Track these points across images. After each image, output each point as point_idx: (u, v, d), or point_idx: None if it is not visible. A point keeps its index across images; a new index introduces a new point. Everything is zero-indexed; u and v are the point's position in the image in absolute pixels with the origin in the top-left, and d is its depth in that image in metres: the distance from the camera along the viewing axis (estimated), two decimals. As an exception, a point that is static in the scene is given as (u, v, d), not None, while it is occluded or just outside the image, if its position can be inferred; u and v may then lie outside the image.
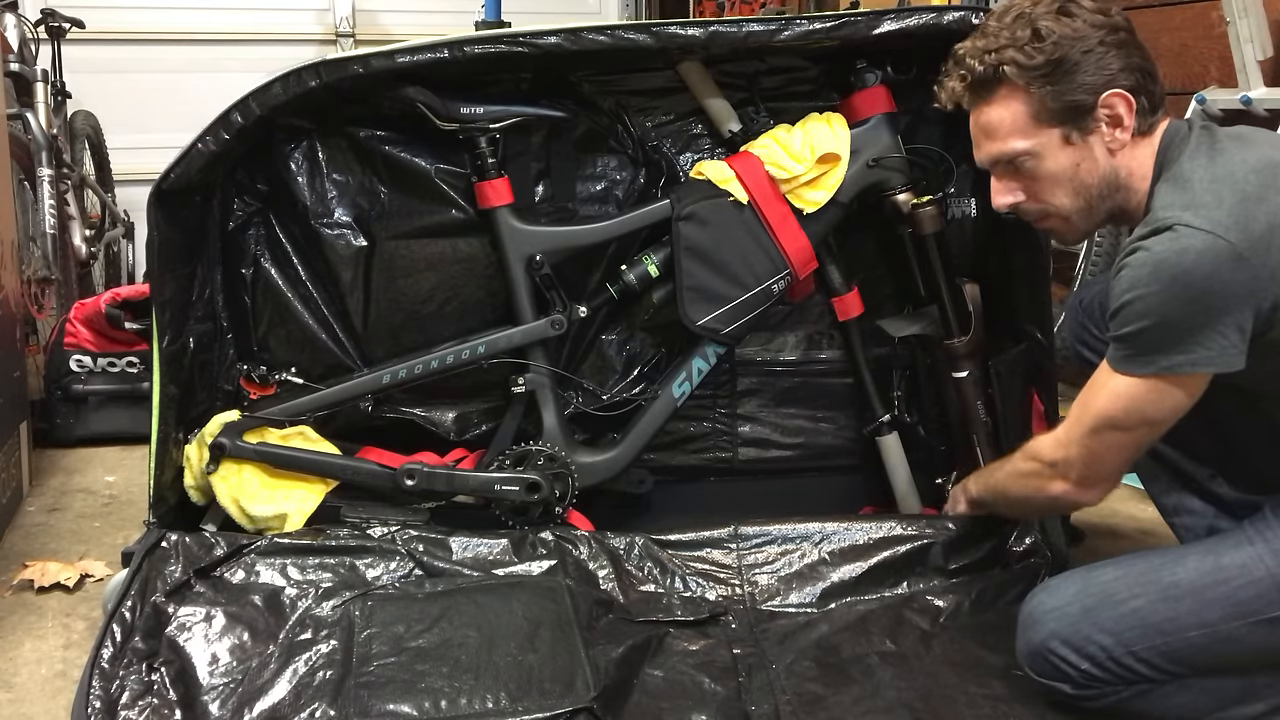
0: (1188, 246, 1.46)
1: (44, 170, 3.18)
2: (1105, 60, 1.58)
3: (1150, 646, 1.59)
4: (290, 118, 2.17)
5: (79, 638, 2.00)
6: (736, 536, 2.05)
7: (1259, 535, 1.58)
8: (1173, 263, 1.47)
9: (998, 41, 1.62)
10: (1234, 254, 1.45)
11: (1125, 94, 1.58)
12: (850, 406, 2.41)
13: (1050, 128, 1.62)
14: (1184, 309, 1.48)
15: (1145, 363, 1.52)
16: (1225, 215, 1.47)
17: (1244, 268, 1.46)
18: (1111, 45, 1.58)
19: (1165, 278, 1.47)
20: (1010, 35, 1.61)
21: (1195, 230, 1.47)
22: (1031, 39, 1.59)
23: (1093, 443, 1.62)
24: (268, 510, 2.08)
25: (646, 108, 2.32)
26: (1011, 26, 1.62)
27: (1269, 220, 1.47)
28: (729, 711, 1.69)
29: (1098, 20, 1.59)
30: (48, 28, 3.89)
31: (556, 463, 2.16)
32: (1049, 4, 1.61)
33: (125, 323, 3.01)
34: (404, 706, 1.63)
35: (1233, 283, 1.46)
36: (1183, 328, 1.49)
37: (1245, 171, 1.51)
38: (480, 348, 2.17)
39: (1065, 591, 1.67)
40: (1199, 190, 1.52)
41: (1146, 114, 1.60)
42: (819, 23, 2.06)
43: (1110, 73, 1.58)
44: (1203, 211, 1.48)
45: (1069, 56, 1.58)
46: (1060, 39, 1.58)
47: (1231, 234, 1.46)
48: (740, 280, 2.15)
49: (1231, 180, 1.51)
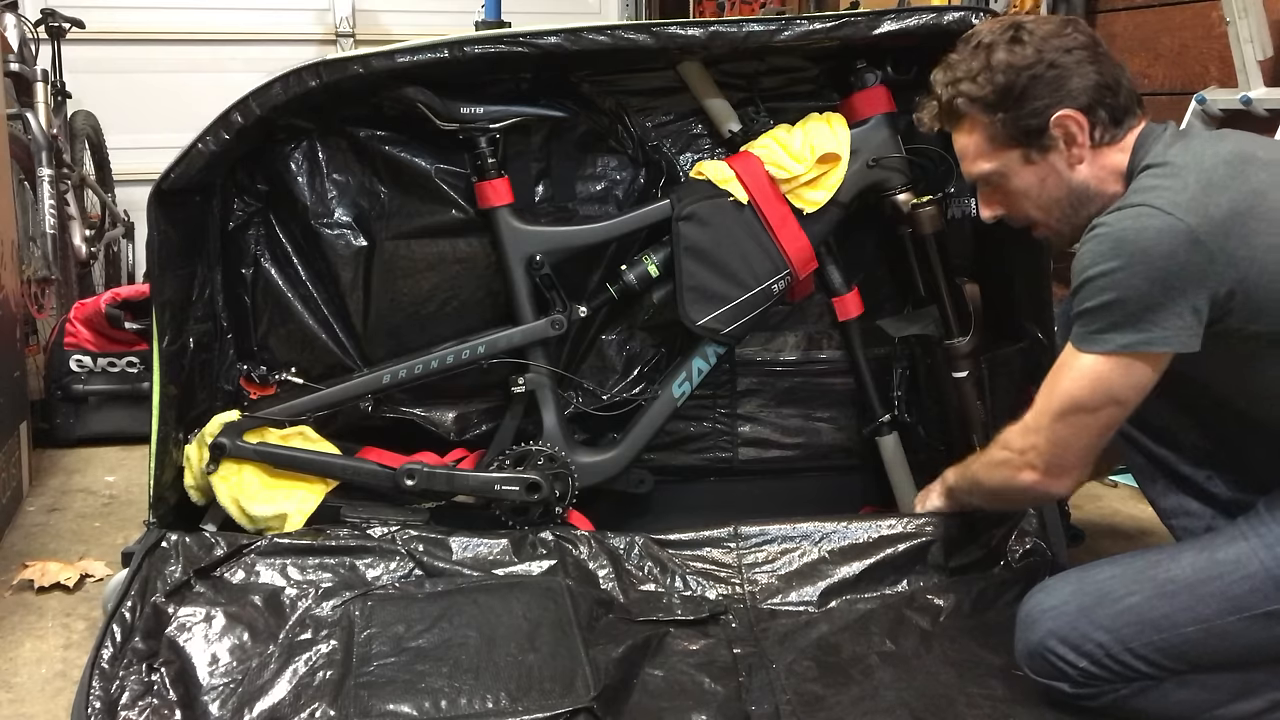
0: (1147, 225, 1.51)
1: (44, 170, 3.18)
2: (1055, 83, 1.64)
3: (1147, 643, 1.59)
4: (290, 118, 2.17)
5: (79, 638, 2.00)
6: (736, 536, 2.05)
7: (1252, 531, 1.59)
8: (1131, 239, 1.51)
9: (954, 73, 1.71)
10: (1191, 236, 1.49)
11: (1074, 114, 1.63)
12: (850, 406, 2.41)
13: (1009, 149, 1.69)
14: (1142, 285, 1.51)
15: (1106, 340, 1.55)
16: (1187, 199, 1.51)
17: (1199, 250, 1.49)
18: (1062, 67, 1.64)
19: (1125, 253, 1.51)
20: (966, 67, 1.69)
21: (1156, 210, 1.51)
22: (982, 69, 1.67)
23: (1059, 426, 1.63)
24: (268, 510, 2.08)
25: (646, 108, 2.32)
26: (969, 59, 1.69)
27: (1230, 207, 1.50)
28: (729, 711, 1.69)
29: (1049, 45, 1.64)
30: (48, 28, 3.89)
31: (556, 463, 2.16)
32: (1002, 32, 1.68)
33: (125, 323, 3.01)
34: (404, 706, 1.63)
35: (1189, 264, 1.49)
36: (1141, 304, 1.51)
37: (1214, 161, 1.55)
38: (480, 348, 2.17)
39: (1062, 591, 1.68)
40: (1165, 174, 1.56)
41: (1108, 126, 1.65)
42: (819, 23, 2.07)
43: (1059, 95, 1.63)
44: (1166, 194, 1.52)
45: (1016, 84, 1.64)
46: (1007, 67, 1.65)
47: (1190, 217, 1.49)
48: (740, 280, 2.15)
49: (1199, 167, 1.55)
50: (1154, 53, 3.10)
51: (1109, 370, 1.57)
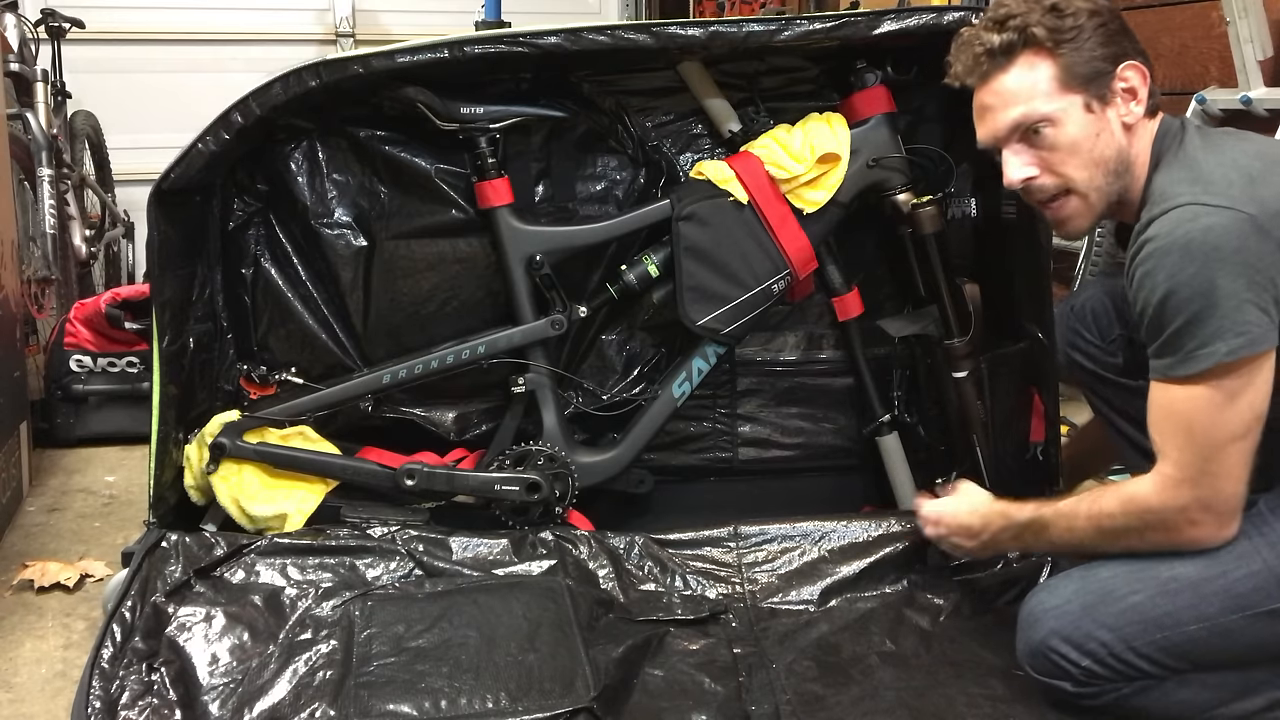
0: (1211, 224, 1.48)
1: (44, 170, 3.18)
2: (1124, 36, 1.65)
3: (1150, 641, 1.59)
4: (290, 118, 2.17)
5: (79, 638, 2.00)
6: (736, 535, 2.05)
7: (1255, 529, 1.59)
8: (1199, 239, 1.48)
9: (1019, 9, 1.65)
10: (1256, 225, 1.48)
11: (1140, 67, 1.64)
12: (850, 406, 2.41)
13: (1073, 93, 1.63)
14: (1227, 283, 1.46)
15: (1210, 353, 1.48)
16: (1239, 192, 1.50)
17: (1268, 239, 1.48)
18: (1116, 29, 1.65)
19: (1198, 256, 1.47)
20: (1030, 5, 1.65)
21: (1212, 208, 1.49)
22: (1052, 10, 1.64)
23: (1218, 467, 1.52)
24: (268, 510, 2.08)
25: (646, 108, 2.32)
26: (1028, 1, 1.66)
27: (1276, 196, 1.51)
28: (729, 711, 1.69)
29: (1102, 5, 1.66)
30: (48, 28, 3.89)
31: (556, 463, 2.16)
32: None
33: (125, 323, 3.01)
34: (404, 706, 1.63)
35: (1263, 253, 1.48)
36: (1232, 304, 1.46)
37: (1247, 157, 1.56)
38: (480, 348, 2.17)
39: (1064, 589, 1.67)
40: (1206, 170, 1.55)
41: (1154, 97, 1.66)
42: (819, 23, 2.07)
43: (1126, 47, 1.64)
44: (1215, 188, 1.51)
45: (1090, 26, 1.63)
46: (1078, 10, 1.64)
47: (1250, 207, 1.48)
48: (740, 280, 2.15)
49: (1235, 163, 1.55)
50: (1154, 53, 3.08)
51: (1233, 382, 1.49)
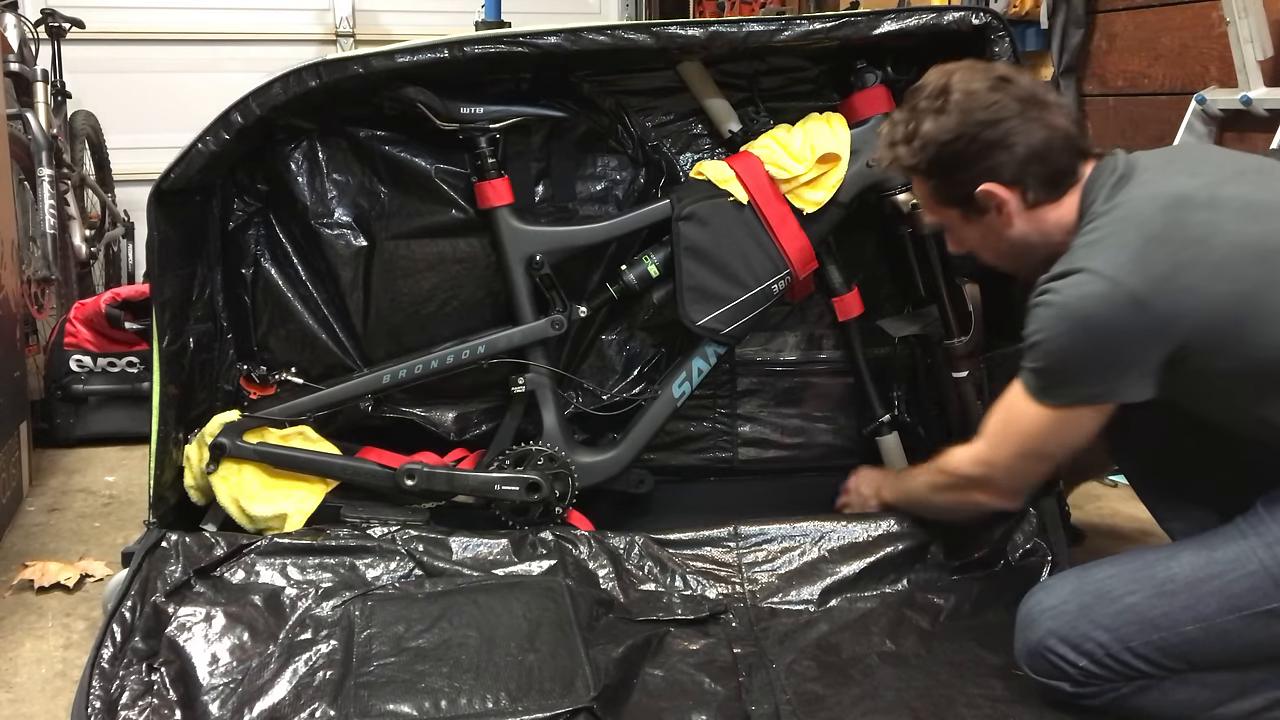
0: (1089, 293, 1.53)
1: (44, 170, 3.17)
2: (978, 157, 1.66)
3: (1147, 642, 1.59)
4: (290, 118, 2.17)
5: (79, 638, 2.00)
6: (736, 535, 2.05)
7: (1252, 529, 1.59)
8: (1074, 308, 1.54)
9: (893, 136, 1.74)
10: (1132, 300, 1.51)
11: (997, 188, 1.66)
12: (850, 406, 2.41)
13: (947, 208, 1.75)
14: (1089, 352, 1.55)
15: (1058, 395, 1.60)
16: (1126, 259, 1.53)
17: (1143, 312, 1.51)
18: (984, 142, 1.65)
19: (1068, 323, 1.55)
20: (901, 131, 1.72)
21: (1095, 276, 1.53)
22: (912, 136, 1.70)
23: (1015, 464, 1.72)
24: (268, 510, 2.08)
25: (646, 108, 2.32)
26: (904, 123, 1.72)
27: (1171, 261, 1.52)
28: (729, 711, 1.69)
29: (973, 117, 1.65)
30: (48, 28, 3.89)
31: (556, 463, 2.16)
32: (932, 98, 1.69)
33: (125, 323, 3.01)
34: (404, 706, 1.63)
35: (1133, 326, 1.52)
36: (1090, 368, 1.57)
37: (1153, 210, 1.56)
38: (480, 348, 2.17)
39: (1062, 590, 1.68)
40: (1105, 231, 1.57)
41: (1040, 190, 1.66)
42: (819, 23, 2.07)
43: (982, 168, 1.66)
44: (1106, 255, 1.54)
45: (940, 156, 1.68)
46: (931, 140, 1.68)
47: (1131, 279, 1.51)
48: (740, 280, 2.15)
49: (1138, 219, 1.56)
50: (1154, 53, 3.10)
51: (1061, 420, 1.62)
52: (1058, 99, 1.71)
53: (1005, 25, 2.08)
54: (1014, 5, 3.33)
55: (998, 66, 1.75)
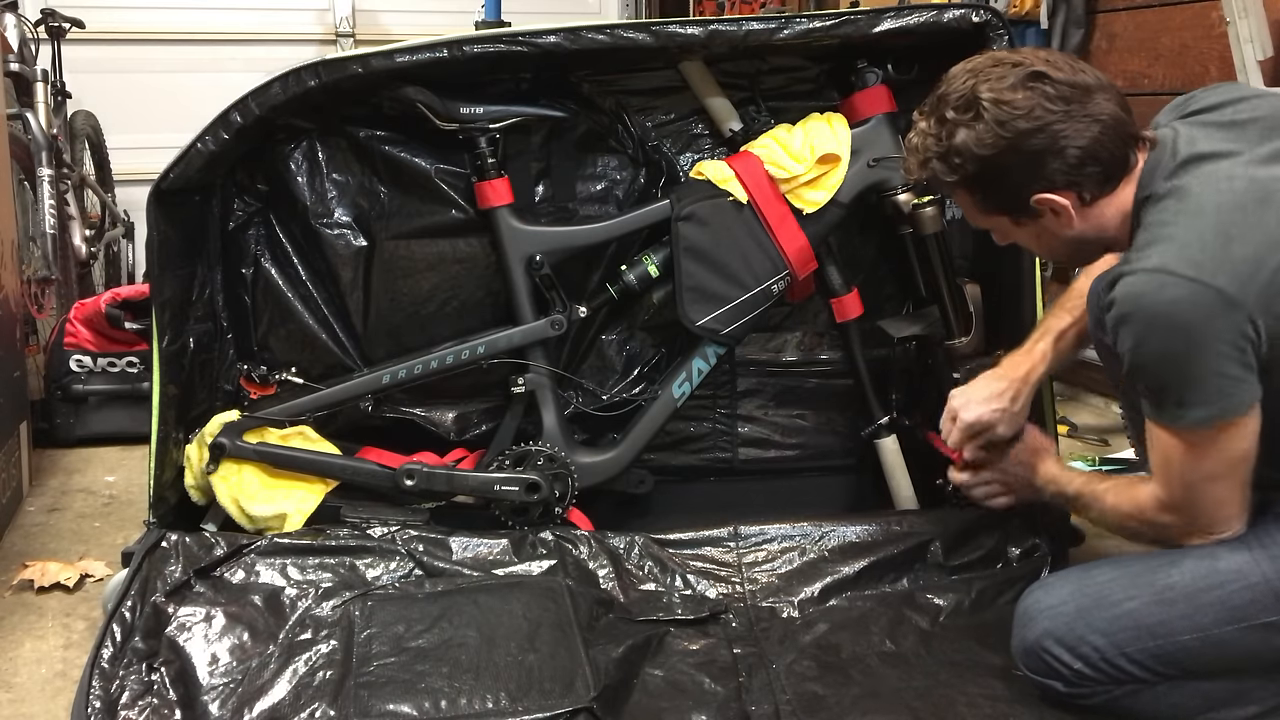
0: (1176, 297, 1.45)
1: (44, 170, 3.17)
2: (1026, 168, 1.56)
3: (1143, 648, 1.59)
4: (290, 118, 2.17)
5: (79, 638, 2.00)
6: (736, 535, 2.05)
7: (1256, 541, 1.58)
8: (1164, 314, 1.46)
9: (925, 151, 1.63)
10: (1224, 300, 1.44)
11: (1053, 197, 1.57)
12: (850, 407, 2.41)
13: (997, 214, 1.65)
14: (1197, 358, 1.46)
15: (1188, 416, 1.50)
16: (1208, 258, 1.45)
17: (1236, 310, 1.44)
18: (1030, 152, 1.54)
19: (1163, 332, 1.47)
20: (933, 146, 1.61)
21: (1180, 279, 1.45)
22: (948, 151, 1.59)
23: (1199, 499, 1.58)
24: (268, 510, 2.08)
25: (646, 107, 2.32)
26: (933, 134, 1.61)
27: (1255, 258, 1.45)
28: (729, 711, 1.69)
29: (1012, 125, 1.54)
30: (48, 28, 3.89)
31: (556, 463, 2.16)
32: (961, 109, 1.57)
33: (125, 323, 3.00)
34: (404, 706, 1.63)
35: (1229, 325, 1.45)
36: (1196, 377, 1.47)
37: (1230, 206, 1.48)
38: (480, 348, 2.17)
39: (1061, 590, 1.68)
40: (1180, 227, 1.49)
41: (1097, 187, 1.57)
42: (818, 21, 2.07)
43: (1034, 178, 1.56)
44: (1186, 251, 1.46)
45: (984, 172, 1.58)
46: (968, 156, 1.57)
47: (1218, 278, 1.44)
48: (740, 280, 2.15)
49: (1215, 216, 1.48)
50: (1154, 53, 3.10)
51: (1208, 442, 1.52)
52: (1099, 79, 1.56)
53: (1005, 23, 2.08)
54: (1014, 5, 3.33)
55: (1027, 56, 1.59)
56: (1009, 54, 1.61)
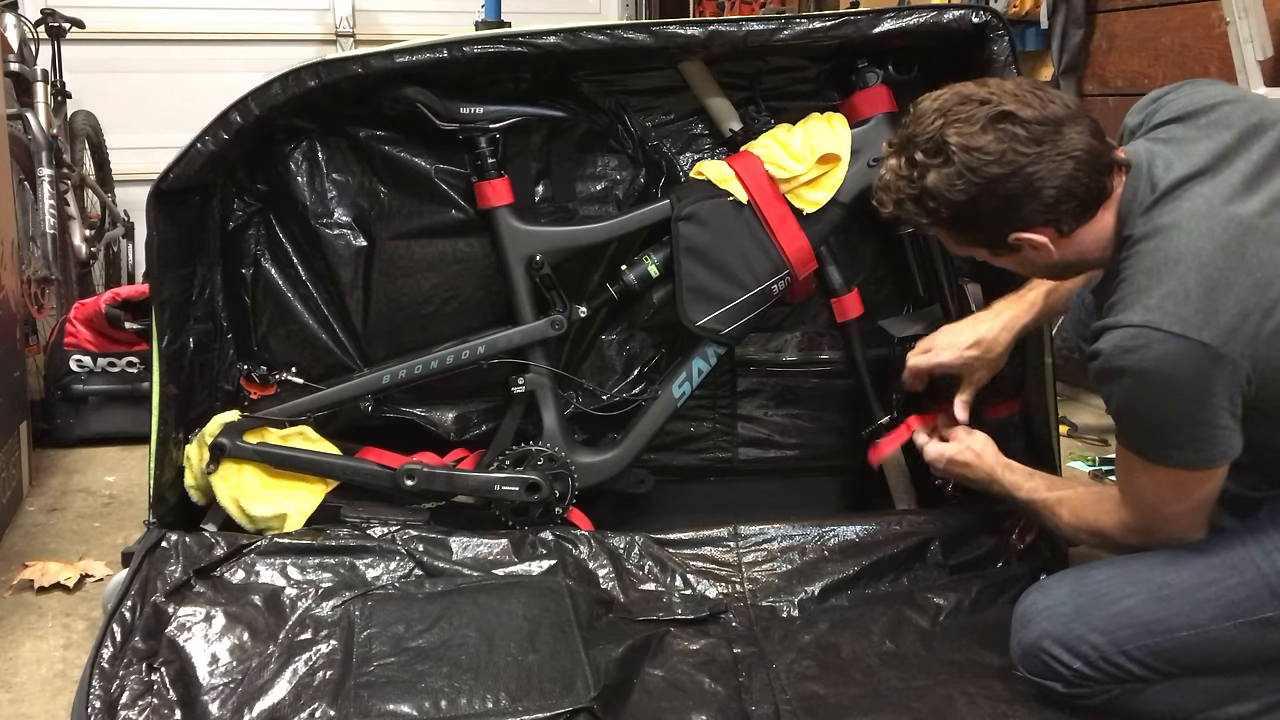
0: (1164, 355, 1.44)
1: (44, 170, 3.18)
2: (1001, 210, 1.53)
3: (1141, 646, 1.59)
4: (290, 118, 2.17)
5: (79, 638, 2.00)
6: (736, 535, 2.05)
7: (1251, 536, 1.58)
8: (1153, 371, 1.45)
9: (897, 192, 1.60)
10: (1210, 354, 1.44)
11: (1030, 235, 1.55)
12: (850, 407, 2.40)
13: (974, 246, 1.64)
14: (1178, 412, 1.48)
15: (1168, 458, 1.53)
16: (1192, 311, 1.44)
17: (1223, 363, 1.44)
18: (1004, 197, 1.51)
19: (1151, 389, 1.47)
20: (909, 185, 1.57)
21: (1168, 335, 1.44)
22: (920, 194, 1.56)
23: (1167, 527, 1.61)
24: (268, 510, 2.08)
25: (646, 107, 2.32)
26: (907, 174, 1.57)
27: (1239, 308, 1.44)
28: (729, 711, 1.69)
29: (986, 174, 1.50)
30: (48, 28, 3.89)
31: (556, 463, 2.16)
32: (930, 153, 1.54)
33: (125, 323, 3.00)
34: (404, 706, 1.63)
35: (1216, 378, 1.45)
36: (1183, 427, 1.49)
37: (1211, 249, 1.46)
38: (480, 348, 2.17)
39: (1058, 591, 1.68)
40: (1163, 275, 1.47)
41: (1074, 219, 1.55)
42: (818, 22, 2.07)
43: (1010, 219, 1.54)
44: (1168, 307, 1.45)
45: (958, 215, 1.56)
46: (941, 200, 1.54)
47: (1205, 334, 1.43)
48: (740, 280, 2.15)
49: (1197, 261, 1.46)
50: (1154, 53, 3.10)
51: (1184, 480, 1.55)
52: (1070, 109, 1.53)
53: (1005, 23, 2.08)
54: (1014, 5, 3.33)
55: (995, 92, 1.54)
56: (977, 88, 1.55)
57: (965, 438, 1.95)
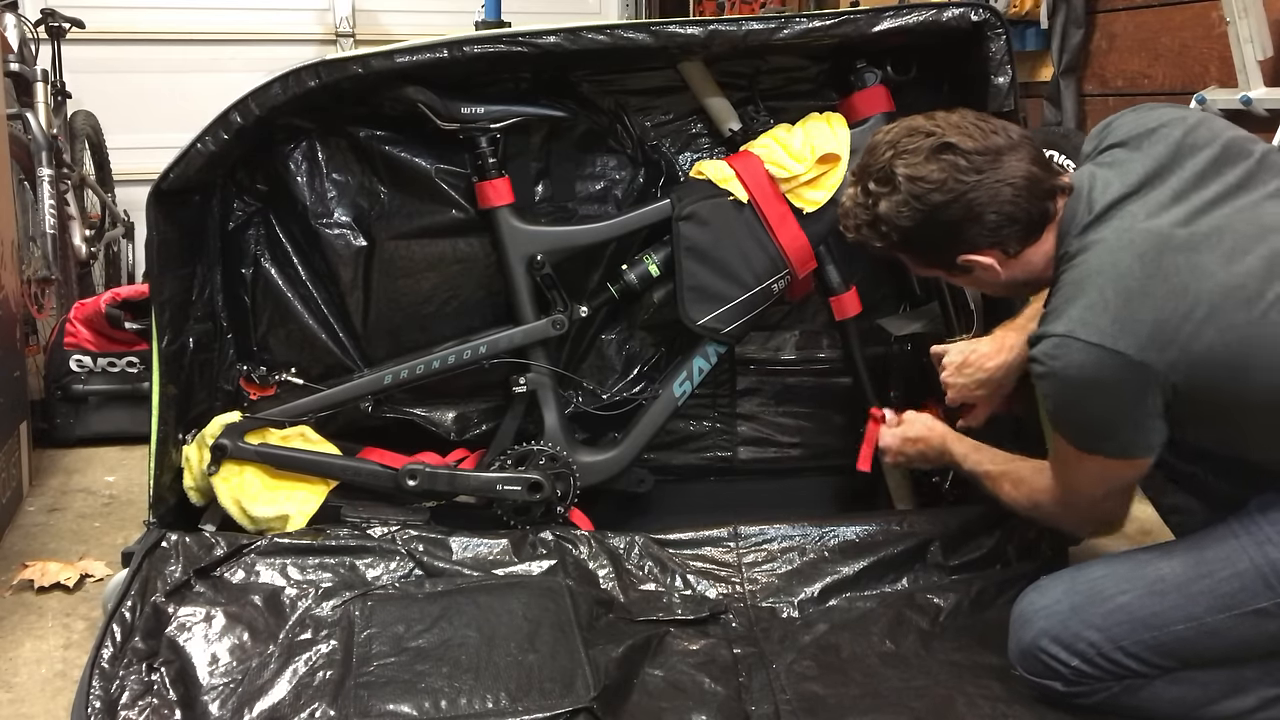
0: (1083, 363, 1.51)
1: (44, 170, 3.18)
2: (946, 235, 1.63)
3: (1138, 641, 1.60)
4: (290, 118, 2.17)
5: (79, 638, 2.00)
6: (736, 535, 2.05)
7: (1243, 528, 1.59)
8: (1075, 377, 1.53)
9: (855, 218, 1.70)
10: (1125, 362, 1.49)
11: (976, 257, 1.64)
12: (849, 406, 2.41)
13: (931, 268, 1.74)
14: (1099, 412, 1.56)
15: (1096, 448, 1.60)
16: (1108, 321, 1.50)
17: (1138, 369, 1.50)
18: (948, 222, 1.61)
19: (1074, 391, 1.54)
20: (864, 212, 1.67)
21: (1084, 344, 1.50)
22: (873, 220, 1.66)
23: (1090, 506, 1.70)
24: (269, 511, 2.08)
25: (646, 107, 2.32)
26: (863, 202, 1.67)
27: (1154, 318, 1.49)
28: (729, 711, 1.69)
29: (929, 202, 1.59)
30: (48, 28, 3.89)
31: (558, 462, 2.16)
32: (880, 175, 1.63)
33: (125, 323, 3.01)
34: (404, 706, 1.63)
35: (1132, 383, 1.51)
36: (1106, 424, 1.56)
37: (1129, 260, 1.52)
38: (481, 348, 2.17)
39: (1054, 590, 1.69)
40: (1085, 286, 1.53)
41: (1019, 242, 1.63)
42: (818, 21, 2.07)
43: (957, 242, 1.63)
44: (1087, 318, 1.51)
45: (908, 239, 1.65)
46: (892, 226, 1.64)
47: (1120, 342, 1.49)
48: (740, 280, 2.15)
49: (1115, 272, 1.52)
50: (1154, 53, 3.10)
51: (1110, 468, 1.62)
52: (1011, 140, 1.61)
53: (1003, 22, 2.08)
54: (1014, 5, 3.33)
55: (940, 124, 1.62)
56: (924, 122, 1.65)
57: (916, 417, 2.03)
